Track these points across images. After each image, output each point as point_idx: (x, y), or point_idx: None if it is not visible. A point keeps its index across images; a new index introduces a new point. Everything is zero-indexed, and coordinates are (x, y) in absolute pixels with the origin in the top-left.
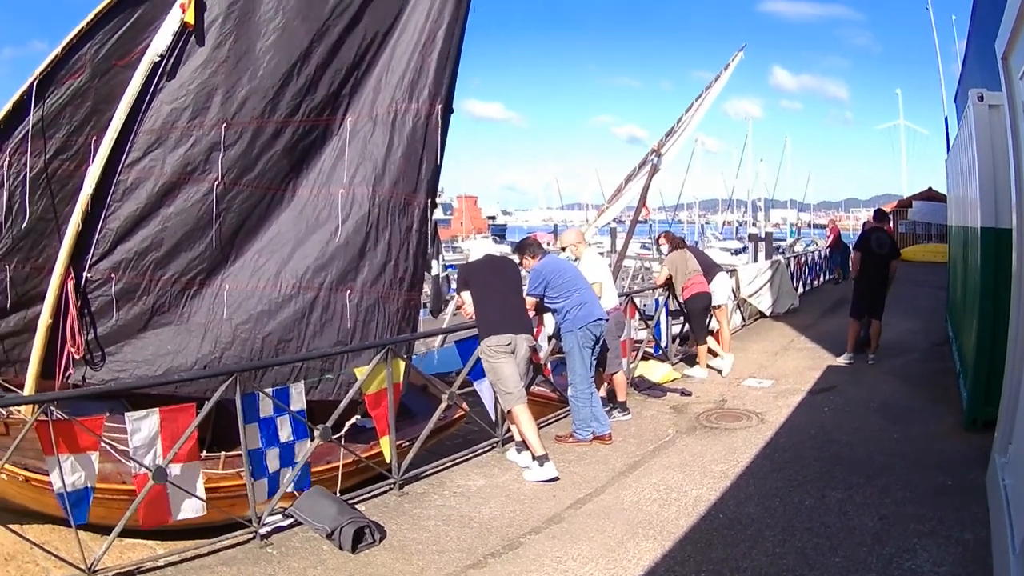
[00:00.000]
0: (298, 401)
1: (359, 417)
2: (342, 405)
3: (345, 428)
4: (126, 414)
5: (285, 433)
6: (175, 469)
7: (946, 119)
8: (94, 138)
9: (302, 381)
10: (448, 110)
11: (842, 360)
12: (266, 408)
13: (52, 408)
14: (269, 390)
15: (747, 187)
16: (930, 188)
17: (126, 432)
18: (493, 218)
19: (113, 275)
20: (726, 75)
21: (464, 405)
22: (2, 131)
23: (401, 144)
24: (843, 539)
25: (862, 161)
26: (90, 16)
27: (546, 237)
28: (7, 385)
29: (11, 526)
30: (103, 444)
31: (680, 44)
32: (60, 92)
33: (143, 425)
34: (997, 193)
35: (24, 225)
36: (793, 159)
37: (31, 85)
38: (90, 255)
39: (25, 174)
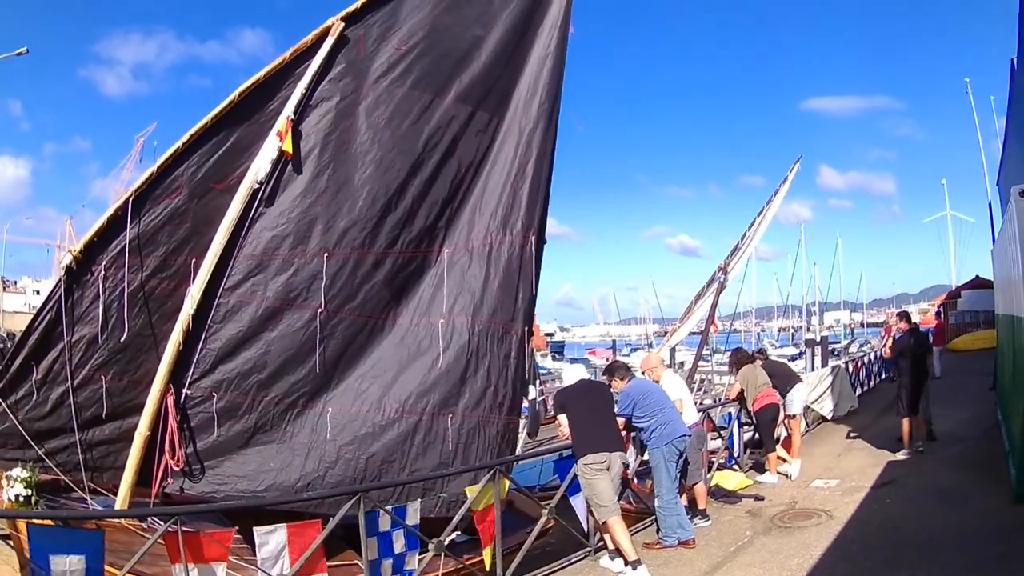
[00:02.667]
0: (413, 517)
1: (459, 532)
2: (455, 521)
3: (446, 541)
4: (255, 528)
5: (399, 545)
6: None
7: (990, 204)
8: (193, 259)
9: (418, 500)
10: (541, 241)
11: (901, 455)
12: (384, 523)
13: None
14: (389, 507)
15: (801, 292)
16: (977, 276)
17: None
18: (551, 335)
19: (215, 393)
20: (784, 188)
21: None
22: (97, 243)
23: (498, 275)
24: None
25: (911, 254)
26: (185, 138)
27: (605, 353)
28: (100, 490)
29: None
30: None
31: (725, 148)
32: (157, 211)
33: (271, 539)
34: None
35: (123, 340)
36: (844, 258)
37: (127, 201)
38: (190, 373)
39: (122, 289)
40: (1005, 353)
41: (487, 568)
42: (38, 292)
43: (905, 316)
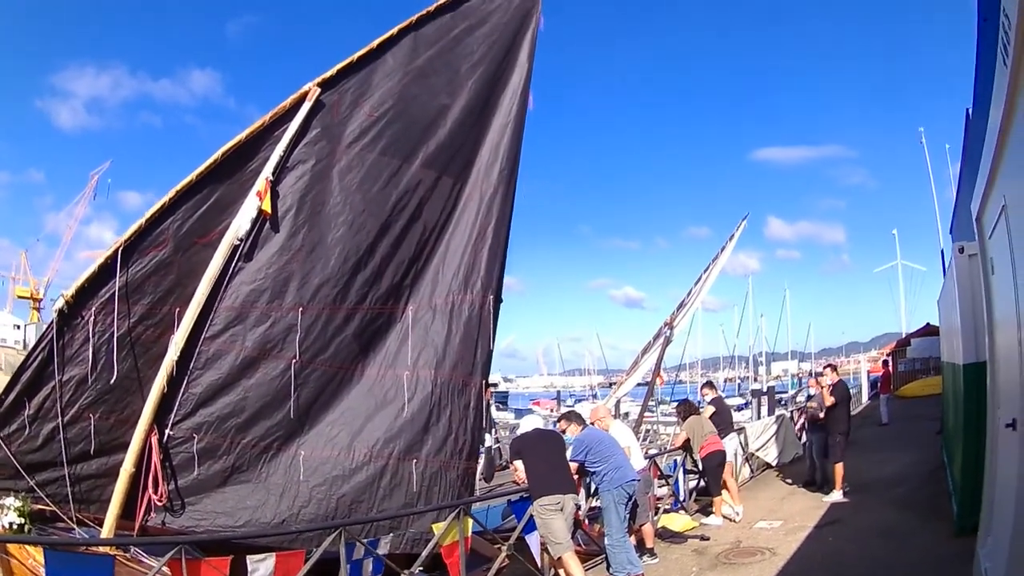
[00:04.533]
0: (383, 548)
1: (421, 569)
2: (424, 554)
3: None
4: (248, 556)
5: (367, 572)
6: None
7: (942, 252)
8: (177, 309)
9: (389, 535)
10: (498, 300)
11: (836, 498)
12: (359, 554)
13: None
14: (365, 540)
15: (748, 343)
16: (928, 324)
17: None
18: (495, 385)
19: (195, 434)
20: (731, 245)
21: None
22: (87, 290)
23: (459, 332)
24: None
25: (861, 303)
26: (171, 193)
27: (549, 403)
28: (86, 521)
29: None
30: None
31: (672, 200)
32: (144, 262)
33: (261, 566)
34: (977, 333)
35: (111, 381)
36: (793, 308)
37: (116, 251)
38: (173, 415)
39: (111, 333)
40: (949, 398)
41: None
42: None
43: (833, 367)
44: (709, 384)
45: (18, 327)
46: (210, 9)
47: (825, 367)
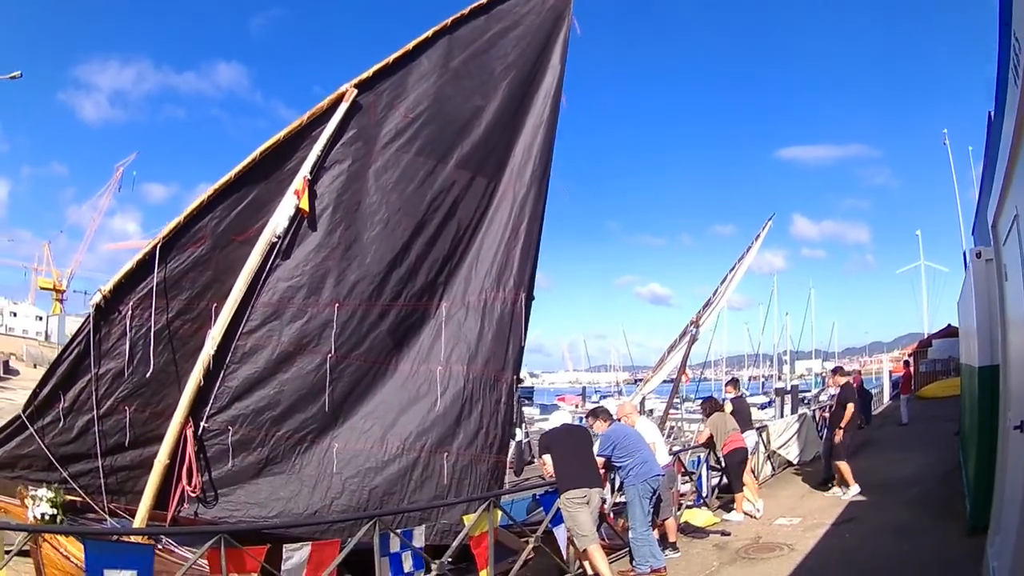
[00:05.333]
0: (419, 540)
1: (449, 560)
2: (455, 544)
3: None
4: (285, 546)
5: (408, 565)
6: None
7: (964, 254)
8: (215, 304)
9: (423, 526)
10: (530, 298)
11: (853, 495)
12: (394, 545)
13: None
14: (400, 531)
15: (773, 341)
16: (949, 325)
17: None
18: (521, 381)
19: (230, 427)
20: (757, 245)
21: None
22: (124, 286)
23: (491, 328)
24: None
25: (885, 303)
26: (209, 191)
27: (575, 399)
28: (119, 512)
29: None
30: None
31: (698, 198)
32: (182, 258)
33: (296, 554)
34: (992, 336)
35: (148, 375)
36: (817, 307)
37: (155, 247)
38: (208, 407)
39: (149, 327)
40: (966, 400)
41: None
42: (15, 314)
43: (839, 371)
44: (733, 382)
45: (40, 318)
46: (235, 2)
47: (832, 370)
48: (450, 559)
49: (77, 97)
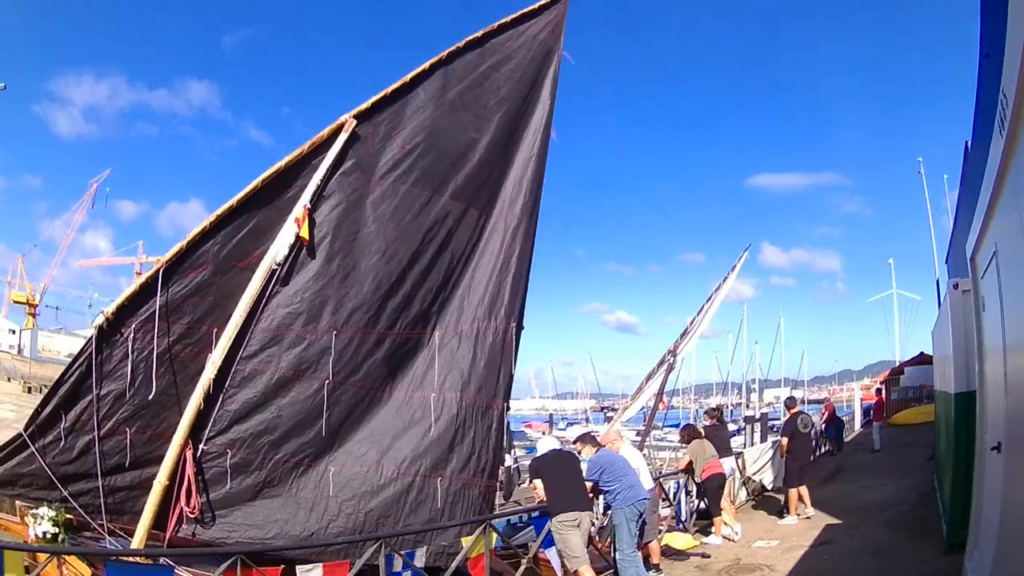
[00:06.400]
0: (419, 560)
1: None
2: (454, 565)
3: None
4: (298, 567)
5: None
6: None
7: (938, 282)
8: (215, 329)
9: (424, 547)
10: (520, 327)
11: (792, 520)
12: (397, 565)
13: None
14: (403, 552)
15: (742, 370)
16: (922, 352)
17: None
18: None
19: (229, 450)
20: (733, 276)
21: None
22: (127, 308)
23: (483, 356)
24: None
25: (855, 332)
26: (211, 217)
27: (542, 426)
28: (117, 531)
29: None
30: None
31: (666, 225)
32: (184, 282)
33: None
34: (968, 364)
35: (149, 397)
36: (787, 336)
37: (158, 272)
38: (208, 430)
39: (151, 350)
40: (941, 425)
41: None
42: None
43: (791, 400)
44: (714, 410)
45: (13, 332)
46: (208, 20)
47: (785, 402)
48: None
49: (52, 110)
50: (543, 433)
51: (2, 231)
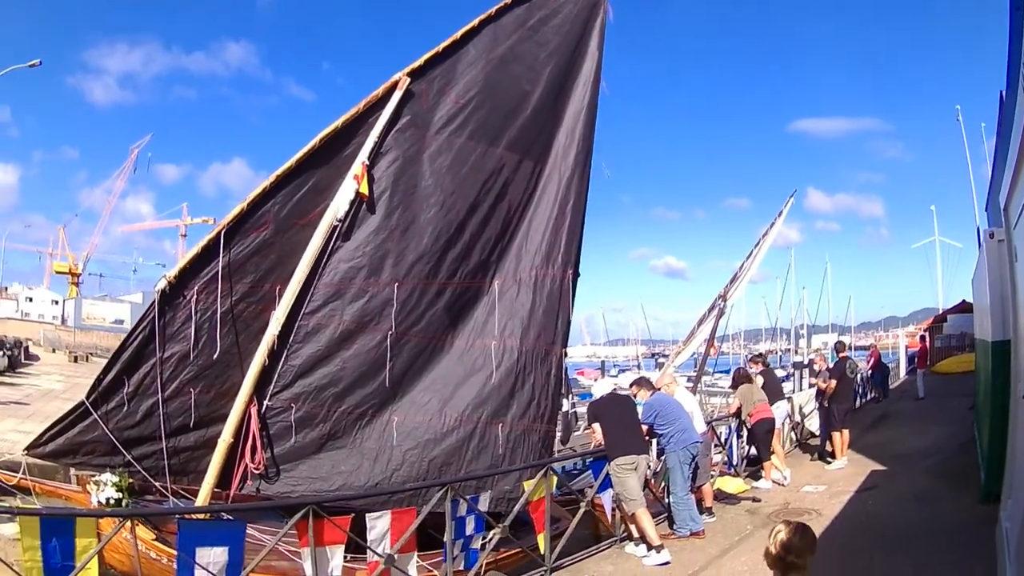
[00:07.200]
0: (483, 505)
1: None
2: (517, 508)
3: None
4: (367, 514)
5: (470, 528)
6: (398, 556)
7: (978, 229)
8: (278, 286)
9: (488, 492)
10: (576, 274)
11: (840, 463)
12: (461, 510)
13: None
14: (468, 497)
15: (790, 315)
16: (964, 301)
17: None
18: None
19: (293, 404)
20: (780, 221)
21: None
22: (189, 271)
23: (542, 303)
24: None
25: (899, 278)
26: (272, 178)
27: (594, 374)
28: (182, 492)
29: None
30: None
31: (711, 171)
32: (246, 243)
33: (378, 523)
34: (1004, 312)
35: (213, 357)
36: (833, 282)
37: (219, 234)
38: (272, 386)
39: (214, 310)
40: (980, 374)
41: (542, 551)
42: (30, 299)
43: (840, 345)
44: (758, 357)
45: (56, 302)
46: None
47: (814, 352)
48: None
49: (87, 81)
50: (595, 379)
51: (42, 204)
